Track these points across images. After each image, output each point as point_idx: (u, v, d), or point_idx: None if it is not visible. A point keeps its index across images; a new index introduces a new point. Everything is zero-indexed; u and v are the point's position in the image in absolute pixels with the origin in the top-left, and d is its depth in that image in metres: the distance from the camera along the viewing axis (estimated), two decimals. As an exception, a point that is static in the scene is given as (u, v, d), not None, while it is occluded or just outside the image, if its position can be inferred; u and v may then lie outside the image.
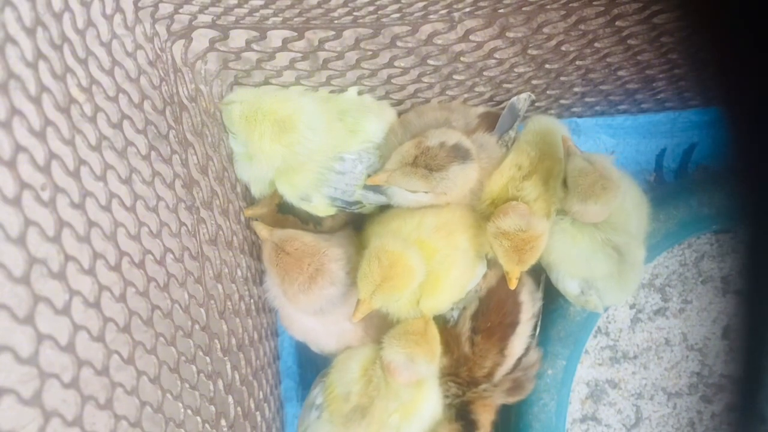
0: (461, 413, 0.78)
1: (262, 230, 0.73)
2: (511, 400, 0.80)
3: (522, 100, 0.82)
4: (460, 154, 0.72)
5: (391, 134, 0.78)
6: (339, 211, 0.81)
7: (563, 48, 0.74)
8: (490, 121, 0.82)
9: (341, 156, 0.76)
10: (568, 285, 0.78)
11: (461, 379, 0.78)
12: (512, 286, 0.74)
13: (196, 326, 0.62)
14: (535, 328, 0.81)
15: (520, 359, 0.80)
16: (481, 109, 0.84)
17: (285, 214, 0.82)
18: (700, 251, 0.89)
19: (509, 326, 0.78)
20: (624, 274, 0.76)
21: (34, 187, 0.41)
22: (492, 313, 0.78)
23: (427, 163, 0.70)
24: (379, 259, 0.69)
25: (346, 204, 0.79)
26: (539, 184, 0.76)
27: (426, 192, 0.73)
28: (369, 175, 0.77)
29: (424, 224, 0.74)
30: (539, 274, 0.82)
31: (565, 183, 0.73)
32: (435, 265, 0.73)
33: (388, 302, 0.71)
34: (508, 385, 0.79)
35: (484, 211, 0.76)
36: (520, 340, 0.79)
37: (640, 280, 0.83)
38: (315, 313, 0.74)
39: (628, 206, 0.76)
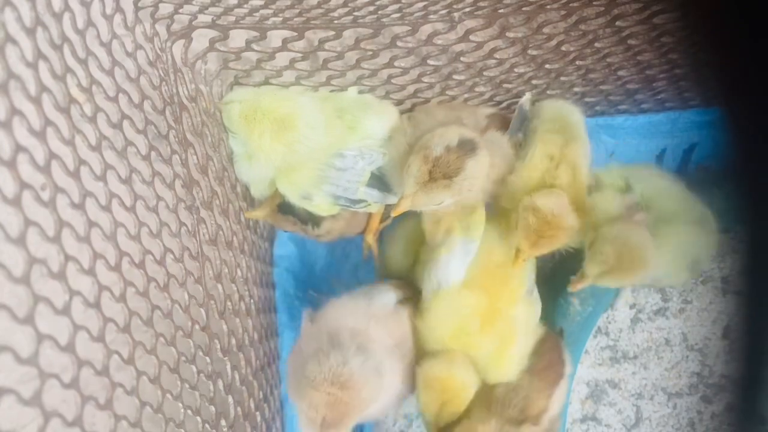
0: None
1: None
2: None
3: (528, 101, 0.82)
4: (468, 149, 0.70)
5: (398, 133, 0.78)
6: (342, 210, 0.81)
7: (563, 48, 0.74)
8: (498, 122, 0.82)
9: (341, 153, 0.76)
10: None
11: (513, 415, 0.75)
12: (515, 264, 0.73)
13: (196, 326, 0.62)
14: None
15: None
16: (488, 110, 0.84)
17: (285, 214, 0.82)
18: (700, 251, 0.89)
19: (558, 374, 0.77)
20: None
21: (34, 187, 0.41)
22: (545, 356, 0.77)
23: (444, 173, 0.69)
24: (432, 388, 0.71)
25: (349, 202, 0.79)
26: (569, 170, 0.76)
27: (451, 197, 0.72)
28: (372, 173, 0.77)
29: (467, 327, 0.74)
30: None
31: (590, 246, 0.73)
32: (491, 351, 0.73)
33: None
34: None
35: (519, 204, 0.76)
36: (561, 393, 0.78)
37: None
38: None
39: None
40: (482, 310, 0.73)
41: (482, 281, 0.75)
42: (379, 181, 0.78)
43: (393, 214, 0.72)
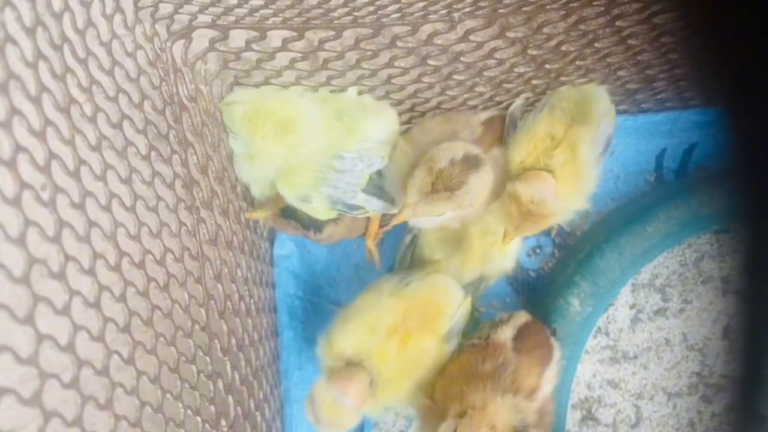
0: None
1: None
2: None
3: (519, 107, 0.82)
4: (472, 164, 0.71)
5: (400, 154, 0.78)
6: (340, 215, 0.81)
7: (563, 48, 0.74)
8: (494, 127, 0.82)
9: (340, 155, 0.76)
10: None
11: (505, 387, 0.74)
12: (504, 242, 0.75)
13: (196, 326, 0.62)
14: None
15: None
16: (483, 116, 0.83)
17: (288, 219, 0.82)
18: (700, 251, 0.89)
19: (547, 354, 0.77)
20: None
21: (34, 187, 0.41)
22: (531, 338, 0.77)
23: (446, 185, 0.70)
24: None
25: (347, 207, 0.78)
26: (568, 150, 0.75)
27: (453, 209, 0.73)
28: (371, 178, 0.77)
29: (376, 328, 0.73)
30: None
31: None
32: (392, 369, 0.73)
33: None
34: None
35: (514, 173, 0.76)
36: (551, 375, 0.77)
37: None
38: None
39: None
40: (395, 321, 0.74)
41: (409, 301, 0.75)
42: (378, 189, 0.78)
43: (394, 223, 0.74)
